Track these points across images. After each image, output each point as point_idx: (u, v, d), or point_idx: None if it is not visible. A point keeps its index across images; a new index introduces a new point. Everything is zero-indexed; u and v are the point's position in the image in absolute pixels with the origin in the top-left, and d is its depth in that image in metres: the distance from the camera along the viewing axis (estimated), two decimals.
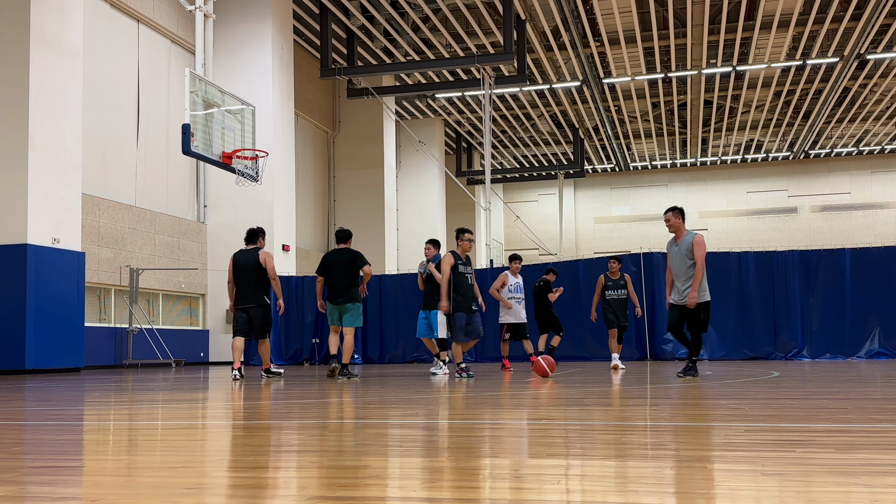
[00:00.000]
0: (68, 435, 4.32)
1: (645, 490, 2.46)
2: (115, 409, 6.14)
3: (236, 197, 19.64)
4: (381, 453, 3.37)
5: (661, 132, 33.94)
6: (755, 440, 3.64)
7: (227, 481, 2.77)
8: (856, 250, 17.01)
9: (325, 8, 21.10)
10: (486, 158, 22.43)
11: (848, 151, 37.74)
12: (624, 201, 41.25)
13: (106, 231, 17.06)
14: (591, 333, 17.10)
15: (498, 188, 41.11)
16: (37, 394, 8.12)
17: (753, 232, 39.21)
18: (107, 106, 17.44)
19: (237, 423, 4.93)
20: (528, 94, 28.51)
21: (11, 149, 14.02)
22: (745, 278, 17.14)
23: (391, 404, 6.12)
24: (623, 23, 22.11)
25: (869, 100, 29.69)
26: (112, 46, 17.71)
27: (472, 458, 3.18)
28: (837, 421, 4.37)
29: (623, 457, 3.12)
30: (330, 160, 27.41)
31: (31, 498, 2.47)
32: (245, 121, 12.67)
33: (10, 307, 13.84)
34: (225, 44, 19.76)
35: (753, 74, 26.76)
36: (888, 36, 23.24)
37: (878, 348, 16.48)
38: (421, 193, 31.32)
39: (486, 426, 4.46)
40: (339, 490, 2.54)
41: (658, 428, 4.22)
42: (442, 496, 2.42)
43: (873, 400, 5.80)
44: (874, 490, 2.40)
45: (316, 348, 19.43)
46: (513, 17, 19.55)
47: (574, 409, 5.36)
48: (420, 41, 23.10)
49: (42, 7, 14.27)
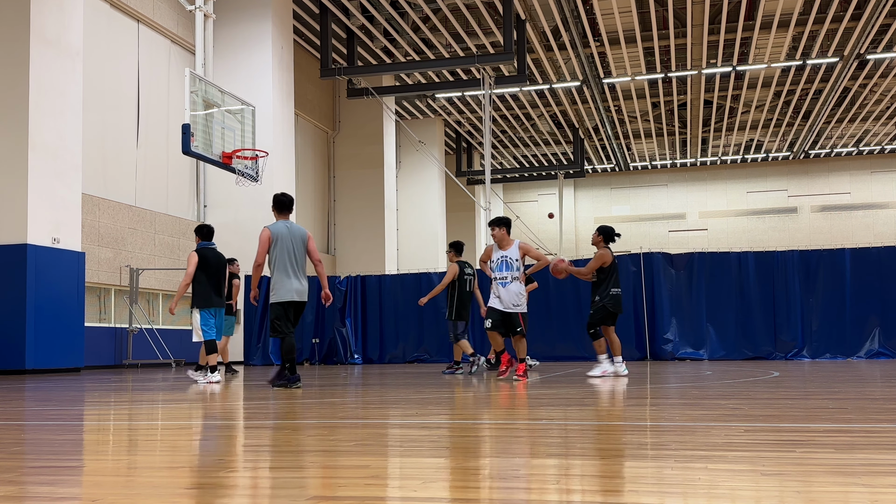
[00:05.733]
0: (68, 435, 4.32)
1: (645, 490, 2.46)
2: (115, 409, 6.14)
3: (236, 197, 19.64)
4: (381, 453, 3.37)
5: (661, 132, 33.93)
6: (755, 440, 3.64)
7: (227, 481, 2.77)
8: (856, 250, 17.01)
9: (325, 8, 21.10)
10: (486, 158, 22.43)
11: (848, 151, 37.74)
12: (624, 201, 41.25)
13: (106, 231, 17.06)
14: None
15: (498, 188, 41.10)
16: (37, 394, 8.11)
17: (753, 232, 39.20)
18: (107, 106, 17.43)
19: (237, 424, 4.93)
20: (528, 94, 28.51)
21: (11, 149, 14.02)
22: (745, 278, 17.14)
23: (391, 404, 6.11)
24: (623, 23, 22.11)
25: (869, 100, 29.69)
26: (112, 46, 17.71)
27: (472, 458, 3.18)
28: (837, 421, 4.37)
29: (623, 457, 3.12)
30: (330, 160, 27.42)
31: (31, 498, 2.47)
32: (245, 121, 12.66)
33: (10, 307, 13.83)
34: (225, 44, 19.76)
35: (753, 74, 26.75)
36: (888, 36, 23.23)
37: (878, 348, 16.47)
38: (421, 193, 31.32)
39: (486, 426, 4.45)
40: (339, 490, 2.54)
41: (658, 428, 4.22)
42: (442, 496, 2.42)
43: (873, 400, 5.80)
44: (874, 490, 2.40)
45: (316, 348, 19.43)
46: (513, 17, 19.54)
47: (574, 409, 5.36)
48: (420, 41, 23.10)
49: (42, 7, 14.26)
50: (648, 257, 17.52)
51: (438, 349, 18.63)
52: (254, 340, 19.23)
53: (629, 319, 17.44)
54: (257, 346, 19.20)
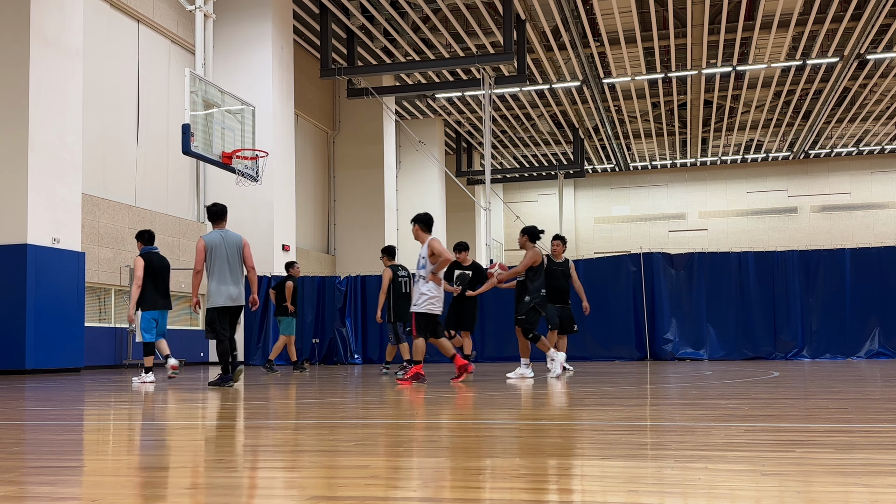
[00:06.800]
0: (68, 435, 4.32)
1: (645, 490, 2.46)
2: (115, 409, 6.14)
3: (236, 197, 19.62)
4: (381, 453, 3.37)
5: (661, 132, 33.93)
6: (755, 440, 3.64)
7: (227, 481, 2.77)
8: (856, 250, 17.01)
9: (325, 8, 21.10)
10: (486, 158, 22.43)
11: (848, 151, 37.74)
12: (624, 201, 41.25)
13: (106, 231, 17.06)
14: (591, 333, 17.09)
15: (498, 188, 41.11)
16: (37, 394, 8.11)
17: (753, 232, 39.20)
18: (107, 106, 17.43)
19: (237, 424, 4.93)
20: (528, 94, 28.51)
21: (11, 149, 14.02)
22: (745, 278, 17.14)
23: (391, 404, 6.12)
24: (623, 23, 22.11)
25: (869, 100, 29.68)
26: (112, 46, 17.71)
27: (472, 458, 3.18)
28: (837, 421, 4.37)
29: (623, 457, 3.12)
30: (330, 160, 27.41)
31: (31, 498, 2.47)
32: (245, 121, 12.66)
33: (10, 307, 13.83)
34: (225, 44, 19.76)
35: (753, 74, 26.75)
36: (888, 36, 23.23)
37: (878, 348, 16.48)
38: (421, 193, 31.31)
39: (486, 426, 4.45)
40: (339, 490, 2.54)
41: (658, 428, 4.22)
42: (442, 496, 2.42)
43: (873, 400, 5.80)
44: (874, 490, 2.40)
45: (316, 348, 19.44)
46: (513, 17, 19.54)
47: (574, 409, 5.36)
48: (420, 41, 23.10)
49: (42, 7, 14.26)
50: (648, 257, 17.52)
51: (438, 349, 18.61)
52: (254, 340, 19.24)
53: (629, 319, 17.47)
54: (257, 347, 19.21)
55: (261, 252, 20.37)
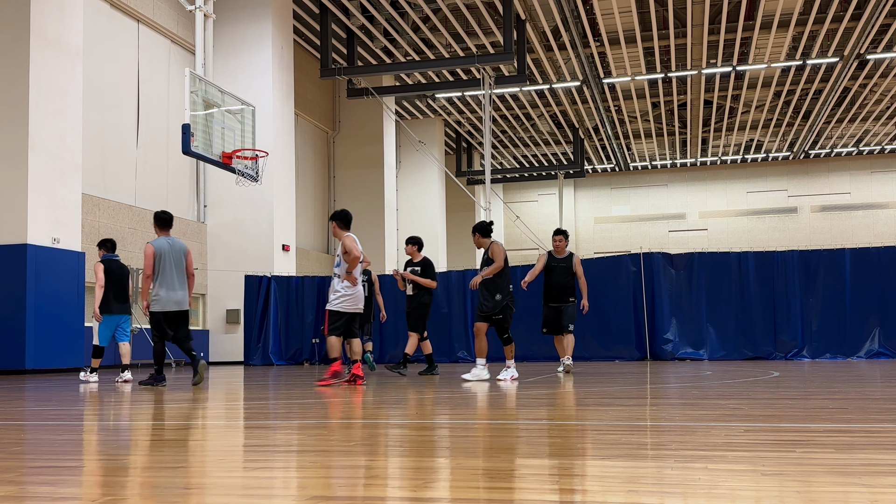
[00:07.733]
0: (68, 435, 4.32)
1: (645, 490, 2.46)
2: (115, 409, 6.14)
3: (236, 197, 19.64)
4: (381, 453, 3.37)
5: (661, 132, 33.93)
6: (755, 440, 3.64)
7: (227, 481, 2.77)
8: (856, 250, 17.01)
9: (325, 8, 21.10)
10: (486, 158, 22.42)
11: (848, 151, 37.74)
12: (624, 201, 41.25)
13: (106, 231, 17.05)
14: (591, 333, 17.09)
15: (498, 188, 41.10)
16: (37, 394, 8.12)
17: (753, 232, 39.20)
18: (107, 106, 17.43)
19: (237, 424, 4.93)
20: (528, 94, 28.51)
21: (11, 149, 14.03)
22: (745, 278, 17.13)
23: (391, 404, 6.11)
24: (623, 23, 22.11)
25: (869, 100, 29.68)
26: (112, 46, 17.71)
27: (471, 457, 3.18)
28: (837, 421, 4.37)
29: (623, 457, 3.12)
30: (330, 160, 27.41)
31: (31, 498, 2.47)
32: (245, 121, 12.66)
33: (10, 307, 13.84)
34: (225, 44, 19.76)
35: (753, 74, 26.75)
36: (888, 36, 23.23)
37: (878, 348, 16.46)
38: (421, 193, 31.32)
39: (486, 426, 4.45)
40: (339, 490, 2.54)
41: (658, 428, 4.22)
42: (441, 496, 2.42)
43: (873, 400, 5.80)
44: (874, 490, 2.40)
45: (316, 348, 19.43)
46: (513, 17, 19.53)
47: (574, 409, 5.36)
48: (420, 41, 23.10)
49: (42, 7, 14.26)
50: (648, 257, 17.51)
51: (437, 349, 18.61)
52: (254, 340, 19.24)
53: (629, 319, 17.46)
54: (257, 347, 19.21)
55: (261, 252, 20.38)
